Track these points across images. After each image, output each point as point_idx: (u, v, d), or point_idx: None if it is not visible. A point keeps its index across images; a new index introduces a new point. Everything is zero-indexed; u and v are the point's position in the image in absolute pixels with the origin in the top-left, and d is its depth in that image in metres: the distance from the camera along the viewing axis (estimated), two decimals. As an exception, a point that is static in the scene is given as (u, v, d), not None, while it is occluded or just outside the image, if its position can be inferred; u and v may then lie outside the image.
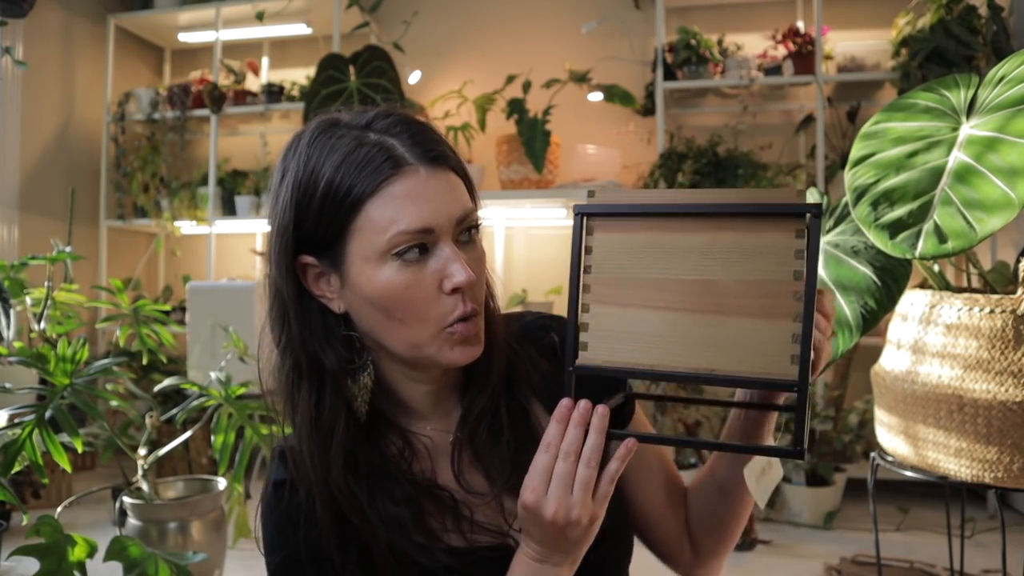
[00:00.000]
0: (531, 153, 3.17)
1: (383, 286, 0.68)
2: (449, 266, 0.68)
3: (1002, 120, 1.08)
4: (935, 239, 1.05)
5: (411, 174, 0.68)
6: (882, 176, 1.17)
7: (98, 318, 3.14)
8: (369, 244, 0.68)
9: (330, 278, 0.72)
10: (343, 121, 0.72)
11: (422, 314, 0.69)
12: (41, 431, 1.30)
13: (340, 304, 0.73)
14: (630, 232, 0.61)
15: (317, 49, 3.73)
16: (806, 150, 3.32)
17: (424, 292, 0.68)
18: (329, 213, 0.68)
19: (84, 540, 1.24)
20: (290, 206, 0.70)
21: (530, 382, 0.80)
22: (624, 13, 3.54)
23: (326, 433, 0.72)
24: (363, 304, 0.70)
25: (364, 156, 0.67)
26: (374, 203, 0.67)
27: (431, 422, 0.79)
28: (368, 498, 0.72)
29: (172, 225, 3.76)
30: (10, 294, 1.83)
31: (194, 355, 2.76)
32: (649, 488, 0.87)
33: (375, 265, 0.68)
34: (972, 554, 2.28)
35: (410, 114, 0.73)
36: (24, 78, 3.44)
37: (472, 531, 0.74)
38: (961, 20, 2.82)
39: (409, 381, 0.77)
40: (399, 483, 0.73)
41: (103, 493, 2.65)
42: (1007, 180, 1.02)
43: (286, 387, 0.74)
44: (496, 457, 0.76)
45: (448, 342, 0.70)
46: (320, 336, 0.73)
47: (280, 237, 0.71)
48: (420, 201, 0.67)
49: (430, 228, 0.68)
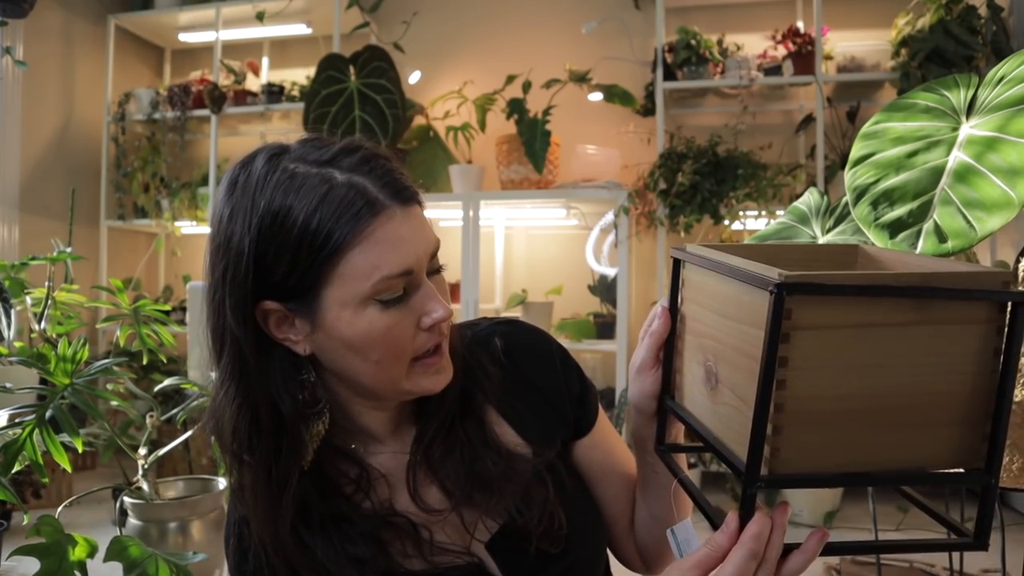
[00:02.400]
0: (531, 153, 3.17)
1: (365, 330, 0.66)
2: (427, 303, 0.68)
3: (1002, 120, 1.08)
4: (935, 239, 1.05)
5: (388, 217, 0.66)
6: (882, 176, 1.17)
7: (98, 318, 3.14)
8: (350, 290, 0.65)
9: (295, 321, 0.69)
10: (297, 154, 0.68)
11: (400, 353, 0.68)
12: (41, 431, 1.30)
13: (306, 347, 0.70)
14: (833, 316, 0.50)
15: (317, 49, 3.73)
16: (806, 150, 3.32)
17: (404, 332, 0.68)
18: (305, 260, 0.65)
19: (85, 540, 1.24)
20: (249, 250, 0.65)
21: (483, 389, 0.79)
22: (624, 13, 3.54)
23: (280, 486, 0.69)
24: (337, 347, 0.68)
25: (340, 200, 0.64)
26: (356, 250, 0.64)
27: (388, 445, 0.78)
28: (325, 547, 0.70)
29: (172, 225, 3.77)
30: (11, 294, 1.83)
31: (194, 355, 2.76)
32: (618, 485, 0.86)
33: (355, 310, 0.66)
34: (972, 554, 2.28)
35: (370, 147, 0.70)
36: (24, 78, 3.44)
37: (433, 553, 0.73)
38: (961, 20, 2.82)
39: (369, 410, 0.76)
40: (354, 523, 0.72)
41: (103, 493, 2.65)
42: (1007, 180, 1.02)
43: (236, 441, 0.70)
44: (451, 470, 0.74)
45: (422, 374, 0.70)
46: (279, 383, 0.69)
47: (235, 283, 0.66)
48: (399, 244, 0.66)
49: (411, 270, 0.67)
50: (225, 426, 0.70)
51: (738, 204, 2.99)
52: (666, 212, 3.07)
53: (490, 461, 0.75)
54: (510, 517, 0.74)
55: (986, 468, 0.54)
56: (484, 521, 0.75)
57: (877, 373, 0.52)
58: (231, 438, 0.69)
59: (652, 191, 3.13)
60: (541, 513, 0.73)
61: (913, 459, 0.54)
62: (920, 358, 0.52)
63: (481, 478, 0.74)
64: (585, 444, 0.84)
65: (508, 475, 0.75)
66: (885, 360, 0.52)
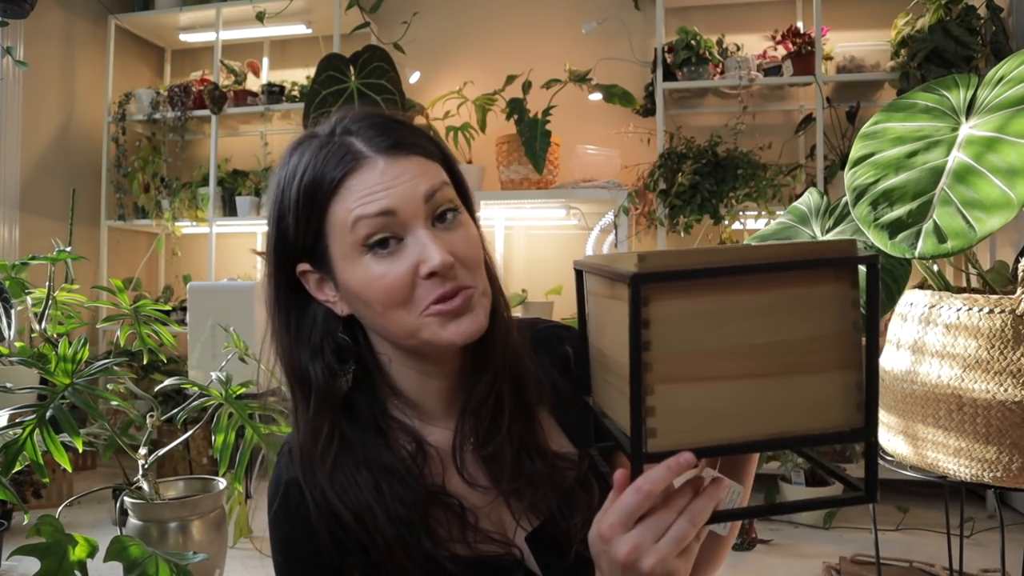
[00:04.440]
0: (531, 153, 3.17)
1: (361, 280, 0.69)
2: (424, 251, 0.68)
3: (1001, 120, 1.08)
4: (934, 239, 1.05)
5: (368, 166, 0.68)
6: (881, 176, 1.17)
7: (99, 318, 3.14)
8: (343, 241, 0.69)
9: (327, 282, 0.73)
10: (317, 131, 0.74)
11: (399, 301, 0.69)
12: (42, 431, 1.30)
13: (343, 307, 0.74)
14: (688, 298, 0.55)
15: (317, 49, 3.73)
16: (806, 150, 3.32)
17: (399, 280, 0.68)
18: (303, 218, 0.70)
19: (85, 540, 1.24)
20: (273, 219, 0.73)
21: (540, 389, 0.80)
22: (624, 13, 3.54)
23: (319, 427, 0.74)
24: (353, 301, 0.72)
25: (324, 157, 0.69)
26: (336, 200, 0.69)
27: (442, 421, 0.79)
28: (374, 493, 0.71)
29: (173, 225, 3.77)
30: (11, 294, 1.83)
31: (194, 355, 2.76)
32: None
33: (354, 261, 0.69)
34: (971, 553, 2.28)
35: (379, 110, 0.74)
36: (25, 78, 3.44)
37: (476, 540, 0.73)
38: (960, 20, 2.83)
39: (421, 377, 0.77)
40: (409, 486, 0.72)
41: (104, 493, 2.65)
42: (1006, 180, 1.02)
43: (290, 386, 0.76)
44: (499, 455, 0.75)
45: (437, 323, 0.69)
46: (315, 345, 0.74)
47: (272, 252, 0.74)
48: (376, 188, 0.68)
49: (390, 210, 0.67)
50: (282, 374, 0.76)
51: (738, 204, 2.99)
52: (666, 212, 3.08)
53: (537, 459, 0.76)
54: (551, 516, 0.75)
55: (865, 426, 0.57)
56: (528, 516, 0.76)
57: (739, 344, 0.55)
58: (288, 382, 0.76)
59: (652, 191, 3.13)
60: (585, 519, 0.73)
61: (796, 424, 0.56)
62: (780, 323, 0.56)
63: (526, 473, 0.75)
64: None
65: (551, 476, 0.75)
66: (744, 334, 0.55)
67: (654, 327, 0.54)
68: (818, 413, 0.57)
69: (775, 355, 0.56)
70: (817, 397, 0.56)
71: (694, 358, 0.55)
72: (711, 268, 0.54)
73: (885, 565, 2.17)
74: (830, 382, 0.56)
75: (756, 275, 0.55)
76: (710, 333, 0.55)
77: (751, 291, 0.55)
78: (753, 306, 0.55)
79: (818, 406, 0.57)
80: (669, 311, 0.55)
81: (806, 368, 0.56)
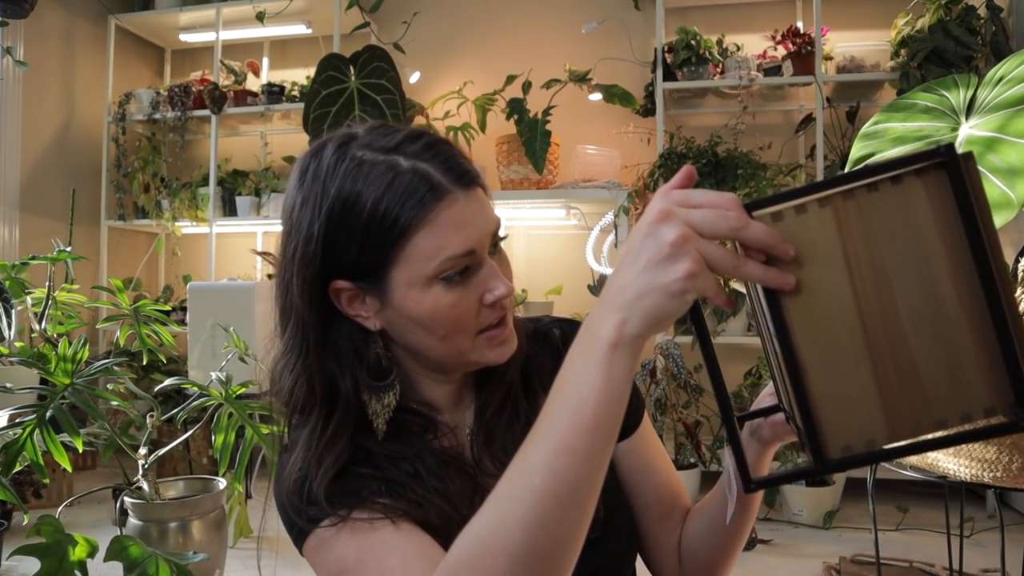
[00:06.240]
0: (531, 153, 3.17)
1: (430, 308, 0.70)
2: (490, 281, 0.72)
3: (1001, 120, 1.08)
4: (934, 239, 1.05)
5: (451, 201, 0.69)
6: (881, 176, 1.17)
7: (99, 318, 3.14)
8: (415, 270, 0.69)
9: (365, 299, 0.73)
10: (364, 141, 0.72)
11: (464, 328, 0.71)
12: (42, 431, 1.30)
13: (376, 323, 0.74)
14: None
15: (317, 49, 3.73)
16: (806, 150, 3.32)
17: (467, 309, 0.71)
18: (374, 243, 0.69)
19: (85, 540, 1.24)
20: (319, 235, 0.69)
21: (540, 377, 0.82)
22: (624, 13, 3.54)
23: (328, 447, 0.72)
24: (406, 323, 0.72)
25: (405, 186, 0.68)
26: (421, 233, 0.68)
27: (447, 415, 0.81)
28: (414, 479, 0.72)
29: (173, 225, 3.77)
30: (11, 294, 1.83)
31: (194, 355, 2.76)
32: (651, 495, 0.87)
33: (420, 289, 0.70)
34: (971, 553, 2.28)
35: (433, 134, 0.74)
36: (25, 78, 3.44)
37: None
38: (960, 21, 2.83)
39: (434, 382, 0.79)
40: (430, 453, 0.74)
41: (104, 493, 2.65)
42: (1007, 180, 1.02)
43: (291, 405, 0.75)
44: (507, 443, 0.77)
45: (487, 346, 0.73)
46: (343, 358, 0.74)
47: (303, 264, 0.71)
48: (462, 226, 0.69)
49: (473, 250, 0.70)
50: (283, 392, 0.75)
51: (738, 204, 2.99)
52: (666, 212, 3.07)
53: None
54: None
55: (1017, 401, 0.48)
56: None
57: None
58: (288, 400, 0.75)
59: (652, 191, 3.13)
60: None
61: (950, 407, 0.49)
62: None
63: None
64: (624, 448, 0.86)
65: None
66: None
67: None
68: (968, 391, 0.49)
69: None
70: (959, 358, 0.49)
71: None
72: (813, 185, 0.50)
73: (885, 565, 2.17)
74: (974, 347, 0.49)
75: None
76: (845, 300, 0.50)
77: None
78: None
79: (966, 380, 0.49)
80: None
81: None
